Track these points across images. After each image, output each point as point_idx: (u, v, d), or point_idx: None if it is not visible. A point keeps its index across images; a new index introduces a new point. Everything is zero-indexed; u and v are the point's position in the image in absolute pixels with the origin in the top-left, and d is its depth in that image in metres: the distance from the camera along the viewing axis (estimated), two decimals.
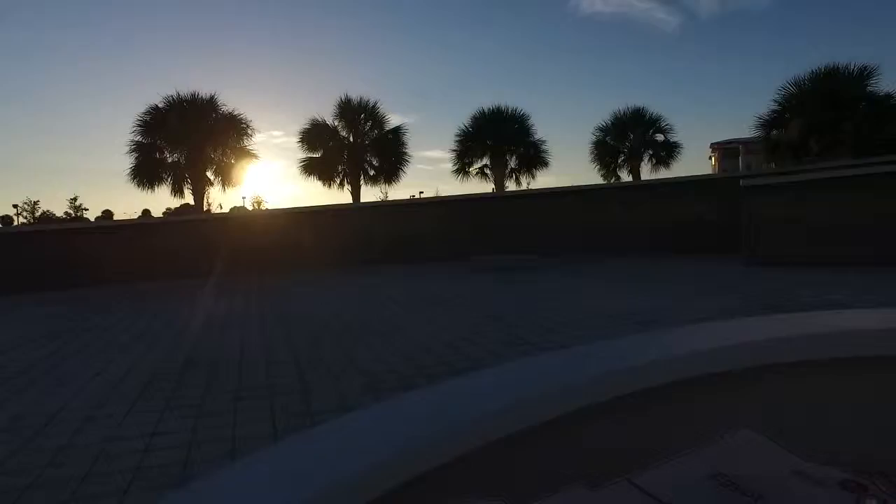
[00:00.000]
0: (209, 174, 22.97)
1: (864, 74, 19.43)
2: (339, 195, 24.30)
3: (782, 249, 10.92)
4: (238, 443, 3.43)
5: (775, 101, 20.93)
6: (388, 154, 24.11)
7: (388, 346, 5.75)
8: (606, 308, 7.26)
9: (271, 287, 12.00)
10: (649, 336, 2.86)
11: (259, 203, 50.45)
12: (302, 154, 24.19)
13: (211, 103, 22.37)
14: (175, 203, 32.17)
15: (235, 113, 22.84)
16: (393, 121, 26.02)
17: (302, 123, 24.23)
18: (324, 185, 24.21)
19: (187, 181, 22.64)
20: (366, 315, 7.81)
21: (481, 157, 25.35)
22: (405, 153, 24.46)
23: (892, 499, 0.80)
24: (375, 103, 23.87)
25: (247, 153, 23.37)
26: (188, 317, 8.38)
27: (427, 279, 11.97)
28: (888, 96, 19.40)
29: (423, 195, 32.03)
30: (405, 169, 24.56)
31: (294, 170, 25.56)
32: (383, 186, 25.14)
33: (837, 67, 19.70)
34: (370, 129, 24.08)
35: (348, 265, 15.54)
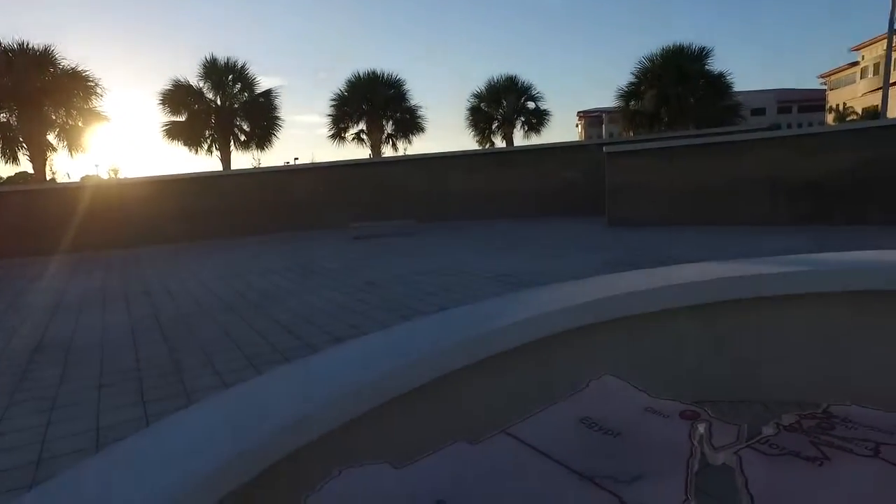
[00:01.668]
0: (51, 138, 20.33)
1: (703, 54, 21.72)
2: (207, 162, 22.79)
3: (640, 211, 11.97)
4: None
5: (633, 74, 22.76)
6: (260, 118, 22.84)
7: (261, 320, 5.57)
8: (484, 270, 7.55)
9: (128, 262, 11.04)
10: (519, 295, 3.03)
11: (115, 172, 45.88)
12: (165, 118, 22.22)
13: (47, 56, 19.56)
14: (8, 171, 28.26)
15: (80, 69, 20.23)
16: (264, 83, 24.57)
17: (164, 84, 22.18)
18: (190, 150, 22.49)
19: (22, 146, 19.86)
20: (236, 290, 7.47)
21: (357, 123, 24.85)
22: (277, 118, 23.32)
23: (717, 423, 0.96)
24: (244, 65, 22.37)
25: (96, 115, 20.89)
26: (30, 298, 7.51)
27: (304, 248, 11.66)
28: (721, 75, 21.90)
29: (297, 161, 30.87)
30: (278, 134, 23.46)
31: (157, 135, 23.39)
32: (255, 152, 23.89)
33: (682, 46, 21.83)
34: (239, 91, 22.59)
35: (218, 236, 14.69)
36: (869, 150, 9.61)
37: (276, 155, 57.41)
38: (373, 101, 24.03)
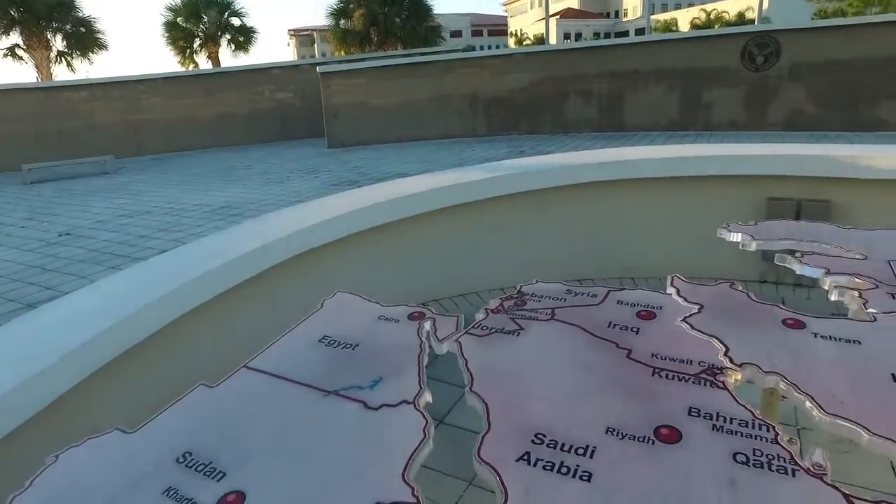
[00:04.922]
0: None
1: None
2: None
3: (358, 131, 12.27)
4: None
5: None
6: None
7: None
8: (202, 205, 6.99)
9: None
10: (243, 226, 2.92)
11: None
12: None
13: None
14: None
15: None
16: None
17: None
18: None
19: None
20: None
21: (8, 34, 19.66)
22: None
23: (440, 318, 1.10)
24: None
25: None
26: None
27: None
28: None
29: None
30: None
31: None
32: None
33: None
34: None
35: None
36: (539, 72, 11.36)
37: None
38: (28, 8, 19.14)
